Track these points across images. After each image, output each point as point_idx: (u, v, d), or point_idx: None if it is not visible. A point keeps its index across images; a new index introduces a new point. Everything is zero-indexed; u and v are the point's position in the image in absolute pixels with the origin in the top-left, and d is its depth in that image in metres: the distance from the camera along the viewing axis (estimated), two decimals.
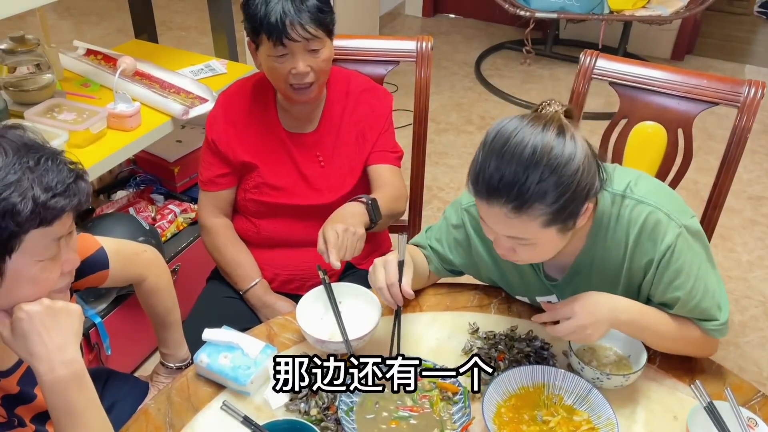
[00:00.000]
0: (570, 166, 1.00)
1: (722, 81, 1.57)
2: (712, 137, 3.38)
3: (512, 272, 1.31)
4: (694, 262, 1.14)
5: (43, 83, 1.85)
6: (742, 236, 2.84)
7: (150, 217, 2.12)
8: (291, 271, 1.60)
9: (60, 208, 0.86)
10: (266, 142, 1.57)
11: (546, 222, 1.03)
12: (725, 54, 4.36)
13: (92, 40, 2.24)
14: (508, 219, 1.03)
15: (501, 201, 1.01)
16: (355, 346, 1.20)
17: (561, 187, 1.00)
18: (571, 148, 1.00)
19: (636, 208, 1.14)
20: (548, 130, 1.00)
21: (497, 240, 1.12)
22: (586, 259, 1.20)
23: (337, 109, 1.59)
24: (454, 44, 4.51)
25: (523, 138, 1.00)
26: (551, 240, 1.08)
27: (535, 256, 1.13)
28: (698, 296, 1.15)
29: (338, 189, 1.58)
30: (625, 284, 1.20)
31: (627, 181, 1.16)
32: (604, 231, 1.16)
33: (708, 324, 1.17)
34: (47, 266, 0.90)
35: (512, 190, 0.99)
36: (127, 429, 1.10)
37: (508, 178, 0.99)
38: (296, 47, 1.40)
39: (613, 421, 1.07)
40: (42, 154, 0.87)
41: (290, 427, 1.05)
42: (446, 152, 3.34)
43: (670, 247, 1.12)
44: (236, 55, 2.39)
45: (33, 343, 0.89)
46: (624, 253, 1.17)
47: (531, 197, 1.00)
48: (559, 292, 1.28)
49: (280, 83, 1.47)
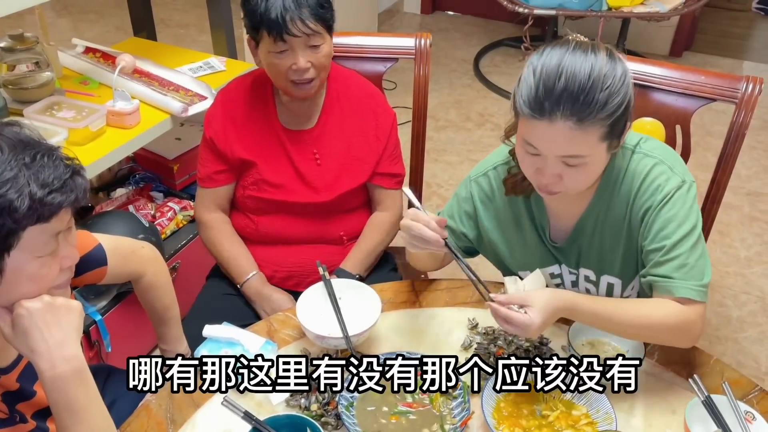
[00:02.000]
0: (626, 77, 1.06)
1: (720, 77, 1.57)
2: (711, 133, 3.38)
3: (517, 241, 1.32)
4: (688, 218, 1.14)
5: (42, 81, 1.85)
6: (741, 232, 2.85)
7: (149, 214, 2.12)
8: (289, 268, 1.60)
9: (57, 204, 0.87)
10: (264, 138, 1.57)
11: (604, 135, 1.06)
12: (723, 50, 4.37)
13: (91, 38, 2.24)
14: (571, 132, 1.04)
15: (566, 114, 1.03)
16: (354, 341, 1.21)
17: (620, 96, 1.04)
18: (622, 66, 1.06)
19: (642, 160, 1.18)
20: (599, 51, 1.06)
21: (544, 168, 1.11)
22: (590, 218, 1.23)
23: (336, 108, 1.59)
24: (452, 41, 4.51)
25: (576, 57, 1.04)
26: (600, 159, 1.10)
27: (581, 180, 1.13)
28: (684, 250, 1.13)
29: (335, 188, 1.59)
30: (626, 243, 1.22)
31: (638, 138, 1.21)
32: (612, 184, 1.19)
33: (688, 284, 1.13)
34: (46, 262, 0.90)
35: (578, 101, 1.03)
36: (128, 425, 1.11)
37: (573, 87, 1.03)
38: (296, 43, 1.40)
39: (612, 416, 1.08)
40: (38, 151, 0.87)
41: (291, 422, 1.06)
42: (445, 149, 3.34)
43: (668, 195, 1.14)
44: (235, 53, 2.39)
45: (34, 340, 0.89)
46: (627, 206, 1.19)
47: (596, 106, 1.03)
48: (563, 255, 1.29)
49: (280, 79, 1.47)
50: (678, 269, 1.14)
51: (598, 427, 1.08)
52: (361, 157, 1.60)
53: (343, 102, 1.59)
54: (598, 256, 1.26)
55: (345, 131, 1.59)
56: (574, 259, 1.28)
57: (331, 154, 1.59)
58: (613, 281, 1.28)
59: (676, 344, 1.19)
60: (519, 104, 1.08)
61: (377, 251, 1.64)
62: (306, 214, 1.59)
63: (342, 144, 1.59)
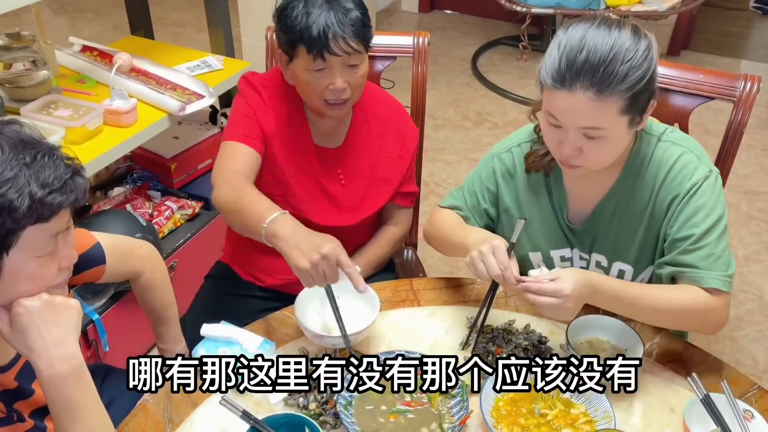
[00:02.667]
0: (650, 53, 1.07)
1: (718, 75, 1.57)
2: (709, 132, 3.38)
3: (534, 218, 1.32)
4: (716, 208, 1.16)
5: (39, 80, 1.84)
6: (738, 231, 2.85)
7: (147, 213, 2.12)
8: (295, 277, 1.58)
9: (57, 204, 0.86)
10: (297, 150, 1.49)
11: (623, 108, 1.07)
12: (721, 49, 4.37)
13: (88, 36, 2.23)
14: (591, 103, 1.06)
15: (586, 84, 1.05)
16: (353, 340, 1.21)
17: (641, 70, 1.06)
18: (647, 41, 1.08)
19: (669, 149, 1.19)
20: (623, 27, 1.07)
21: (564, 141, 1.12)
22: (610, 202, 1.23)
23: (363, 128, 1.54)
24: (450, 40, 4.51)
25: (600, 31, 1.06)
26: (621, 134, 1.11)
27: (601, 155, 1.13)
28: (711, 239, 1.15)
29: (359, 212, 1.55)
30: (645, 230, 1.22)
31: (665, 127, 1.22)
32: (636, 170, 1.20)
33: (714, 274, 1.15)
34: (45, 262, 0.90)
35: (598, 72, 1.04)
36: (126, 424, 1.11)
37: (593, 59, 1.04)
38: (335, 62, 1.33)
39: (611, 414, 1.08)
40: (39, 150, 0.87)
41: (289, 421, 1.05)
42: (443, 148, 3.34)
43: (696, 185, 1.16)
44: (233, 51, 2.39)
45: (32, 338, 0.89)
46: (651, 193, 1.20)
47: (616, 78, 1.04)
48: (578, 238, 1.30)
49: (313, 98, 1.39)
50: (705, 259, 1.15)
51: (596, 425, 1.08)
52: (386, 178, 1.56)
53: (370, 121, 1.54)
54: (614, 241, 1.27)
55: (372, 151, 1.54)
56: (589, 243, 1.29)
57: (355, 175, 1.54)
58: (624, 268, 1.28)
59: (701, 330, 1.22)
60: (542, 76, 1.11)
61: (379, 262, 1.61)
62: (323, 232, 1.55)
63: (367, 164, 1.54)
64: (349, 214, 1.54)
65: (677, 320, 1.18)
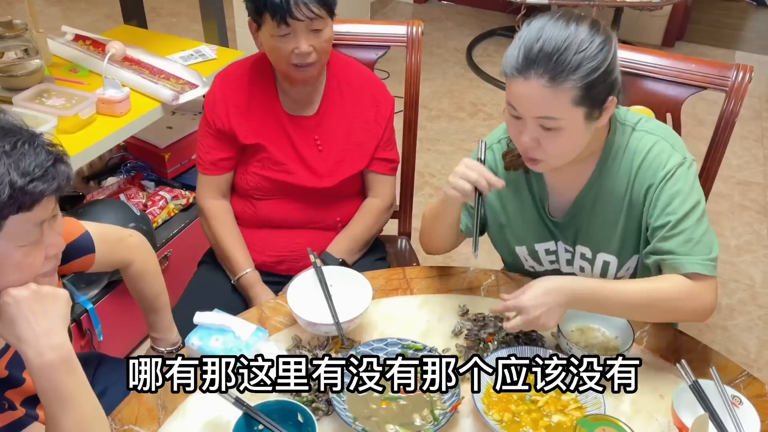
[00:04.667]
0: (606, 45, 1.08)
1: (710, 65, 1.58)
2: (702, 123, 3.39)
3: (516, 213, 1.33)
4: (692, 192, 1.16)
5: (32, 69, 1.84)
6: (731, 221, 2.87)
7: (141, 203, 2.12)
8: (282, 253, 1.61)
9: (39, 193, 0.85)
10: (267, 123, 1.56)
11: (577, 99, 1.08)
12: (716, 40, 4.37)
13: (80, 26, 2.22)
14: (543, 90, 1.07)
15: (539, 71, 1.07)
16: (345, 328, 1.21)
17: (595, 62, 1.07)
18: (605, 35, 1.09)
19: (643, 138, 1.20)
20: (582, 21, 1.09)
21: (523, 132, 1.14)
22: (589, 193, 1.24)
23: (337, 94, 1.59)
24: (445, 31, 4.50)
25: (558, 23, 1.08)
26: (577, 127, 1.11)
27: (557, 148, 1.14)
28: (689, 224, 1.15)
29: (336, 174, 1.59)
30: (625, 220, 1.23)
31: (639, 117, 1.23)
32: (611, 161, 1.21)
33: (695, 258, 1.14)
34: (30, 251, 0.89)
35: (551, 60, 1.06)
36: (119, 411, 1.11)
37: (548, 48, 1.06)
38: (299, 27, 1.40)
39: (600, 401, 1.08)
40: (19, 138, 0.85)
41: (282, 407, 1.06)
42: (438, 139, 3.34)
43: (670, 172, 1.16)
44: (227, 41, 2.38)
45: (20, 328, 0.88)
46: (627, 183, 1.21)
47: (569, 66, 1.06)
48: (561, 231, 1.31)
49: (281, 63, 1.46)
50: (684, 244, 1.15)
51: (586, 411, 1.09)
52: (362, 142, 1.60)
53: (344, 88, 1.59)
54: (596, 232, 1.27)
55: (346, 117, 1.59)
56: (572, 235, 1.30)
57: (332, 140, 1.59)
58: (609, 259, 1.29)
59: (691, 318, 1.20)
60: (503, 66, 1.13)
61: (365, 237, 1.64)
62: (306, 199, 1.59)
63: (343, 130, 1.59)
64: (327, 177, 1.59)
65: (665, 311, 1.18)
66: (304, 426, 1.05)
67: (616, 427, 0.95)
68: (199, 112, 2.38)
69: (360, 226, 1.63)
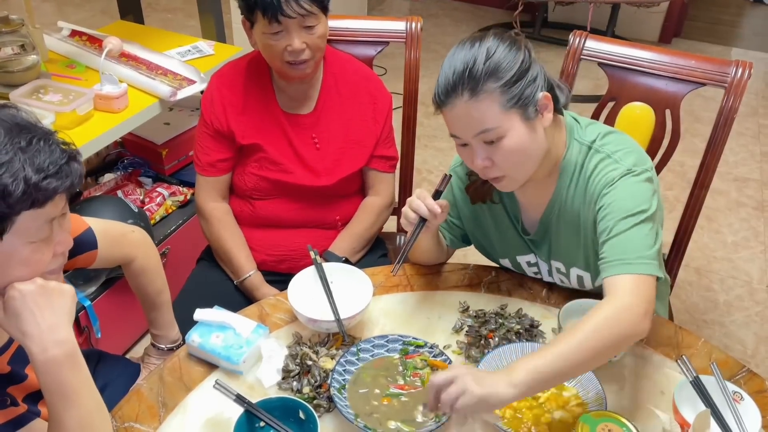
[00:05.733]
0: (513, 46, 1.10)
1: (710, 61, 1.58)
2: (699, 120, 3.40)
3: (492, 230, 1.34)
4: (632, 199, 1.11)
5: (28, 64, 1.82)
6: (728, 217, 2.88)
7: (138, 200, 2.11)
8: (283, 252, 1.60)
9: (52, 190, 0.86)
10: (264, 122, 1.56)
11: (503, 102, 1.08)
12: (712, 37, 4.38)
13: (76, 22, 2.21)
14: (469, 106, 1.08)
15: (458, 92, 1.09)
16: (346, 324, 1.21)
17: (506, 62, 1.08)
18: (510, 38, 1.12)
19: (593, 157, 1.19)
20: (485, 37, 1.11)
21: (473, 155, 1.14)
22: (553, 209, 1.24)
23: (334, 92, 1.58)
24: (442, 27, 4.49)
25: (465, 47, 1.11)
26: (518, 130, 1.11)
27: (510, 160, 1.12)
28: (622, 228, 1.09)
29: (335, 173, 1.58)
30: (585, 236, 1.22)
31: (597, 133, 1.22)
32: (569, 180, 1.21)
33: (616, 261, 1.07)
34: (39, 248, 0.89)
35: (464, 77, 1.08)
36: (120, 408, 1.11)
37: (459, 68, 1.08)
38: (291, 24, 1.39)
39: (602, 397, 1.09)
40: (34, 135, 0.86)
41: (283, 404, 1.06)
42: (435, 135, 3.34)
43: (609, 183, 1.15)
44: (224, 37, 2.37)
45: (25, 323, 0.88)
46: (582, 202, 1.20)
47: (481, 76, 1.07)
48: (536, 247, 1.31)
49: (275, 61, 1.46)
50: (612, 248, 1.09)
51: (588, 408, 1.09)
52: (360, 140, 1.60)
53: (340, 85, 1.59)
54: (564, 249, 1.27)
55: (343, 115, 1.58)
56: (545, 250, 1.30)
57: (329, 139, 1.58)
58: (581, 273, 1.29)
59: (624, 342, 1.04)
60: (433, 104, 1.15)
61: (367, 235, 1.64)
62: (305, 198, 1.59)
63: (340, 128, 1.58)
64: (326, 175, 1.58)
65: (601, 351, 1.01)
66: (306, 423, 1.05)
67: (619, 423, 0.95)
68: (196, 108, 2.38)
69: (361, 224, 1.63)
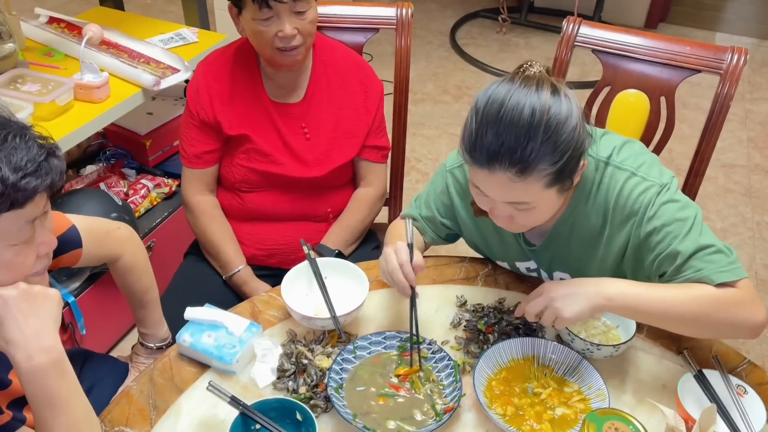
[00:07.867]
0: (569, 123, 1.00)
1: (705, 48, 1.56)
2: (686, 105, 3.38)
3: (492, 236, 1.30)
4: (680, 212, 1.10)
5: (5, 53, 1.76)
6: (716, 204, 2.88)
7: (122, 192, 2.05)
8: (273, 246, 1.56)
9: (32, 189, 0.81)
10: (253, 112, 1.51)
11: (549, 182, 1.02)
12: (698, 22, 4.37)
13: (53, 8, 2.13)
14: (512, 183, 1.01)
15: (504, 166, 1.00)
16: (342, 322, 1.18)
17: (562, 145, 1.00)
18: (567, 105, 1.00)
19: (615, 174, 1.14)
20: (542, 90, 0.99)
21: (494, 209, 1.10)
22: (565, 224, 1.20)
23: (323, 80, 1.54)
24: (428, 12, 4.44)
25: (519, 101, 0.99)
26: (551, 202, 1.07)
27: (533, 220, 1.10)
28: (692, 238, 1.08)
29: (326, 163, 1.55)
30: (604, 252, 1.19)
31: (612, 147, 1.17)
32: (586, 197, 1.16)
33: (715, 267, 1.07)
34: (21, 250, 0.85)
35: (515, 154, 0.98)
36: (109, 412, 1.07)
37: (510, 142, 0.98)
38: (282, 9, 1.35)
39: (604, 392, 1.07)
40: (9, 131, 0.81)
41: (279, 406, 1.03)
42: (423, 123, 3.30)
43: (649, 205, 1.10)
44: (207, 23, 2.31)
45: (9, 330, 0.84)
46: (604, 219, 1.16)
47: (534, 159, 0.99)
48: (537, 257, 1.28)
49: (265, 48, 1.41)
50: (700, 259, 1.08)
51: (590, 403, 1.07)
52: (351, 129, 1.56)
53: (330, 73, 1.54)
54: (573, 260, 1.24)
55: (334, 104, 1.54)
56: (547, 261, 1.27)
57: (320, 128, 1.54)
58: None
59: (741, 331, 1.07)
60: (462, 149, 1.05)
61: (359, 227, 1.60)
62: (295, 190, 1.55)
63: (331, 117, 1.54)
64: (317, 166, 1.54)
65: (716, 322, 1.06)
66: (303, 424, 1.02)
67: (625, 421, 0.93)
68: (180, 97, 2.32)
69: (354, 216, 1.59)
